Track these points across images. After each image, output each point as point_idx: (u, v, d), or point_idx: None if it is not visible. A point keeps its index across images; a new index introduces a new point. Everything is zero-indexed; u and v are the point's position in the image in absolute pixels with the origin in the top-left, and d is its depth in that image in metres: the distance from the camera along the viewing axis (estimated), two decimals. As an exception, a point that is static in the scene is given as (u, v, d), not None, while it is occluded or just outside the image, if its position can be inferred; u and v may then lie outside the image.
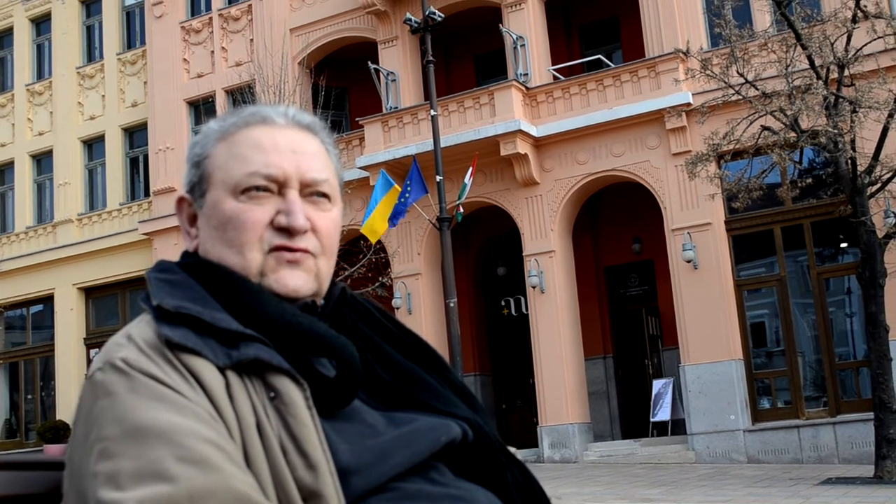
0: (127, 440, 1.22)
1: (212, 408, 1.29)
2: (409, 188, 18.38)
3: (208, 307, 1.39)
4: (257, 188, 1.48)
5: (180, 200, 1.57)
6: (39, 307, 29.35)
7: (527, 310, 21.52)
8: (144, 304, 1.42)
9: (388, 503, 1.35)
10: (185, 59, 27.17)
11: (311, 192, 1.52)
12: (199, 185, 1.53)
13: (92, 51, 29.95)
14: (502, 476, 1.49)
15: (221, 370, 1.33)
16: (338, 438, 1.35)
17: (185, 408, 1.26)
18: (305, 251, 1.48)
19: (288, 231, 1.47)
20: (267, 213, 1.48)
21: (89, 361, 26.80)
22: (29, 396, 29.19)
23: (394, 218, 18.38)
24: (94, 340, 27.18)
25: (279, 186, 1.49)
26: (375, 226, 18.43)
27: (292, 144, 1.53)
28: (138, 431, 1.23)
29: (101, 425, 1.25)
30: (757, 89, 15.33)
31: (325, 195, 1.53)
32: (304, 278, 1.48)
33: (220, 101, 25.91)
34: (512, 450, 1.58)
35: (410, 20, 19.57)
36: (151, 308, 1.39)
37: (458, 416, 1.50)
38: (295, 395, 1.33)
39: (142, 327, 1.37)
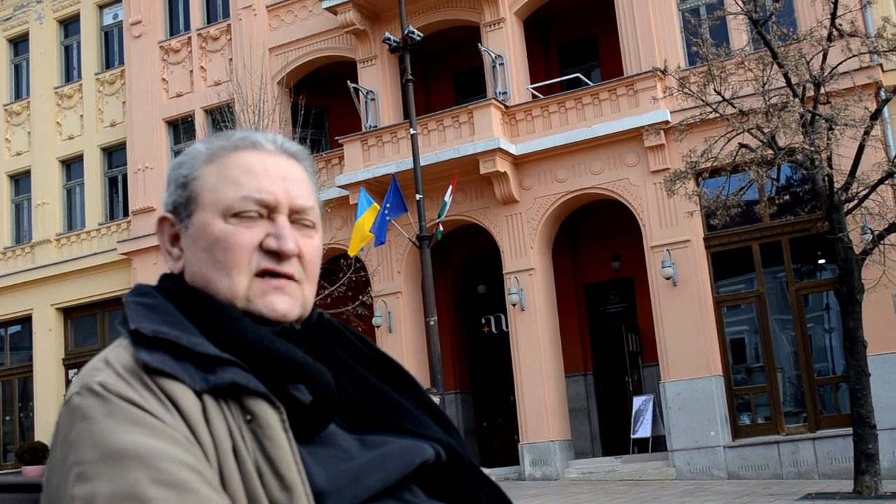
0: (104, 463, 1.23)
1: (188, 432, 1.30)
2: (387, 207, 18.41)
3: (186, 332, 1.40)
4: (249, 215, 1.50)
5: (162, 220, 1.58)
6: (17, 328, 29.19)
7: (507, 327, 21.54)
8: (122, 328, 1.43)
9: None
10: (163, 79, 27.13)
11: (298, 218, 1.54)
12: (185, 206, 1.54)
13: (70, 71, 29.88)
14: (476, 497, 1.51)
15: (198, 394, 1.34)
16: (312, 462, 1.37)
17: (162, 432, 1.27)
18: (290, 277, 1.50)
19: (277, 255, 1.49)
20: (256, 236, 1.50)
21: (68, 382, 26.64)
22: (7, 418, 28.99)
23: (379, 235, 18.38)
24: (73, 361, 27.03)
25: (269, 211, 1.51)
26: (355, 240, 18.48)
27: (282, 171, 1.55)
28: (115, 455, 1.24)
29: (78, 449, 1.26)
30: (734, 107, 15.44)
31: (310, 224, 1.56)
32: (290, 303, 1.50)
33: (200, 121, 25.88)
34: (486, 471, 1.59)
35: (389, 39, 19.62)
36: (129, 332, 1.40)
37: (431, 437, 1.52)
38: (271, 417, 1.34)
39: (119, 352, 1.38)
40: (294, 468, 1.31)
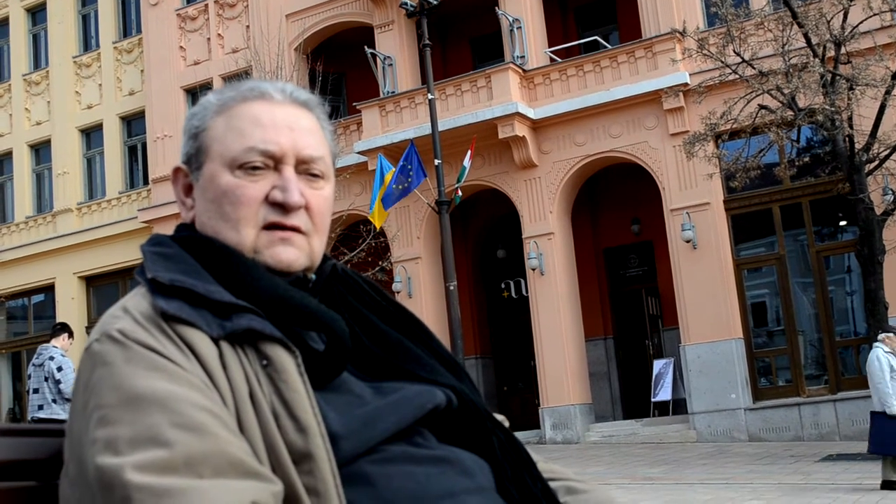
0: (124, 407, 1.26)
1: (206, 377, 1.32)
2: (410, 171, 18.39)
3: (202, 280, 1.42)
4: (254, 166, 1.51)
5: (176, 171, 1.60)
6: (41, 297, 29.41)
7: (527, 292, 21.56)
8: (139, 277, 1.45)
9: (373, 465, 1.39)
10: (181, 47, 27.15)
11: (305, 169, 1.55)
12: (195, 157, 1.56)
13: (88, 40, 29.92)
14: (488, 441, 1.53)
15: (215, 340, 1.36)
16: (327, 407, 1.39)
17: (181, 377, 1.30)
18: (297, 229, 1.51)
19: (283, 207, 1.50)
20: (262, 188, 1.51)
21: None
22: (33, 386, 29.21)
23: (385, 201, 18.40)
24: (96, 329, 27.19)
25: (275, 162, 1.52)
26: (378, 210, 18.52)
27: (289, 121, 1.55)
28: (135, 399, 1.26)
29: (99, 394, 1.29)
30: (754, 68, 15.35)
31: (319, 173, 1.56)
32: (296, 254, 1.51)
33: (217, 88, 25.85)
34: (500, 417, 1.61)
35: (406, 4, 19.53)
36: (146, 281, 1.43)
37: (443, 383, 1.53)
38: (287, 362, 1.36)
39: (137, 300, 1.41)
40: (310, 410, 1.33)
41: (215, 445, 1.24)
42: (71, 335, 12.18)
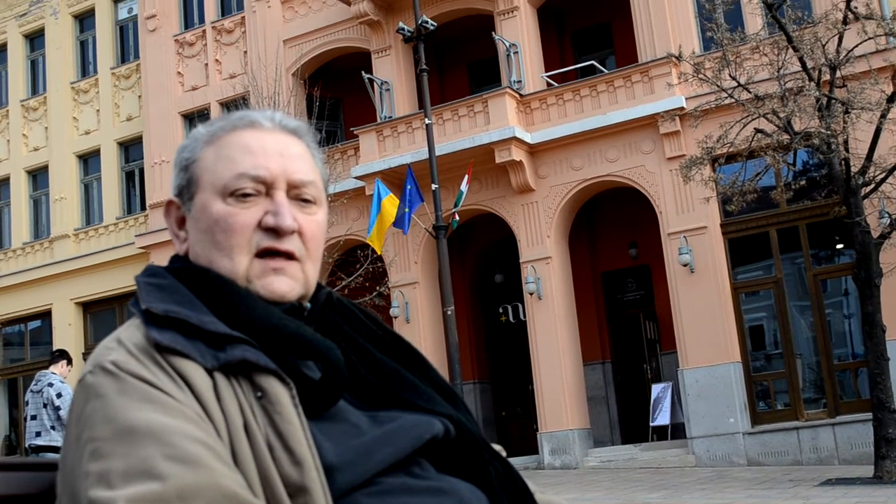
0: (117, 440, 1.25)
1: (200, 408, 1.32)
2: (408, 199, 18.41)
3: (196, 311, 1.42)
4: (245, 192, 1.51)
5: (169, 204, 1.60)
6: (37, 323, 29.35)
7: (524, 316, 21.53)
8: (134, 308, 1.45)
9: (370, 497, 1.38)
10: (179, 73, 27.23)
11: (297, 194, 1.54)
12: (187, 189, 1.56)
13: (86, 65, 30.00)
14: (485, 471, 1.52)
15: (209, 372, 1.35)
16: (323, 437, 1.38)
17: (174, 408, 1.29)
18: (291, 255, 1.51)
19: (275, 232, 1.50)
20: (255, 215, 1.51)
21: (88, 376, 26.73)
22: (29, 412, 29.10)
23: (400, 224, 18.40)
24: (93, 355, 27.11)
25: (267, 188, 1.52)
26: (376, 234, 18.53)
27: (279, 147, 1.55)
28: (128, 431, 1.26)
29: (93, 426, 1.28)
30: (749, 92, 15.37)
31: (311, 198, 1.56)
32: (290, 284, 1.51)
33: (215, 114, 25.90)
34: (497, 447, 1.61)
35: (403, 29, 19.60)
36: (140, 312, 1.42)
37: (440, 413, 1.53)
38: (281, 393, 1.36)
39: (131, 331, 1.40)
40: (304, 443, 1.33)
41: (209, 478, 1.23)
42: (70, 362, 12.18)
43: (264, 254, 1.50)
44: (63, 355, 12.20)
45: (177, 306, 1.41)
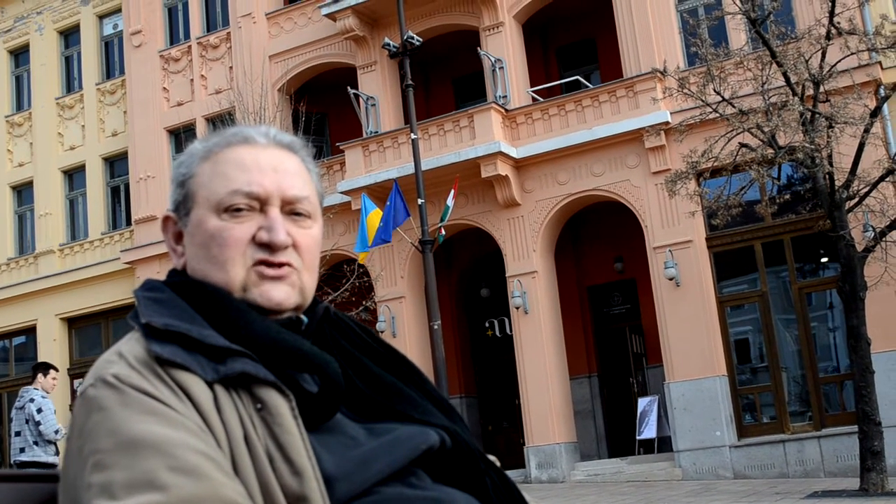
0: (120, 452, 1.27)
1: (201, 420, 1.33)
2: (393, 212, 18.42)
3: (196, 324, 1.43)
4: (239, 208, 1.53)
5: (166, 219, 1.62)
6: (22, 338, 29.20)
7: (511, 331, 21.55)
8: (133, 322, 1.46)
9: None
10: (164, 88, 27.19)
11: (291, 209, 1.56)
12: (183, 204, 1.58)
13: (71, 81, 29.94)
14: (481, 481, 1.54)
15: (209, 384, 1.37)
16: (321, 449, 1.40)
17: (175, 420, 1.31)
18: (288, 265, 1.53)
19: (269, 246, 1.52)
20: (248, 230, 1.52)
21: (73, 392, 26.65)
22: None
23: (385, 235, 18.40)
24: (78, 371, 27.03)
25: (261, 204, 1.54)
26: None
27: (274, 163, 1.57)
28: (131, 443, 1.27)
29: (95, 438, 1.30)
30: (734, 107, 15.45)
31: (305, 213, 1.58)
32: (287, 292, 1.53)
33: (201, 129, 25.91)
34: (492, 458, 1.63)
35: (389, 45, 19.65)
36: (140, 326, 1.44)
37: (436, 424, 1.55)
38: (281, 405, 1.38)
39: (132, 345, 1.42)
40: (304, 453, 1.35)
41: (210, 488, 1.25)
42: (47, 371, 11.94)
43: (259, 265, 1.52)
44: (40, 367, 12.02)
45: (176, 320, 1.43)
